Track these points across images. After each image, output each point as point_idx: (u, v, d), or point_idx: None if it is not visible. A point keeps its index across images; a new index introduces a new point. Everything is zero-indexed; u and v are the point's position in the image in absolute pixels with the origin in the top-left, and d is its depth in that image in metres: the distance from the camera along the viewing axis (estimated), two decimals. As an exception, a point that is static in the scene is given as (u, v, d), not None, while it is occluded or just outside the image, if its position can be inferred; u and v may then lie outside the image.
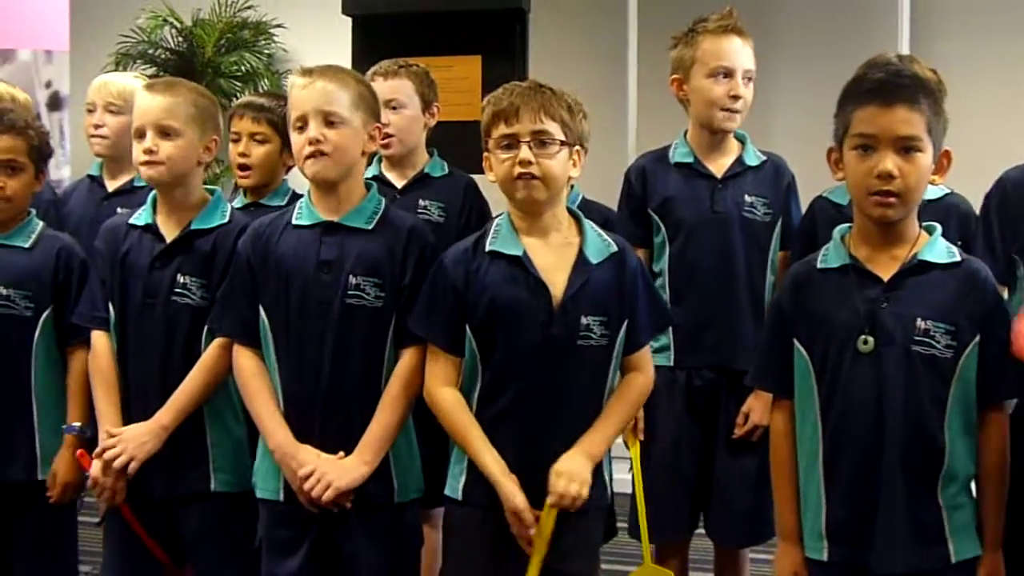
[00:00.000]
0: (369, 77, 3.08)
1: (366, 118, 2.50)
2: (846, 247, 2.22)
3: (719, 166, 3.00)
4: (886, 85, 2.15)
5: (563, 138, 2.35)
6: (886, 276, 2.16)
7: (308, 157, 2.44)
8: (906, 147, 2.10)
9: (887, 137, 2.09)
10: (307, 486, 2.37)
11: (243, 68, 6.22)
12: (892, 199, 2.10)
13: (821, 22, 5.42)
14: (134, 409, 2.60)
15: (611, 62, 5.50)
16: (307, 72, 2.48)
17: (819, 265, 2.25)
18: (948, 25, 5.30)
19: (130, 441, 2.53)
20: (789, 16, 5.23)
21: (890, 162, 2.09)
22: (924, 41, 5.12)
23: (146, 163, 2.60)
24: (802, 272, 2.29)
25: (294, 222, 2.51)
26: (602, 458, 2.40)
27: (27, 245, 2.81)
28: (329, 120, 2.43)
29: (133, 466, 2.52)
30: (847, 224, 2.26)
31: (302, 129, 2.45)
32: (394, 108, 3.13)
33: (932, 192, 2.60)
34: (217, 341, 2.56)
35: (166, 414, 2.54)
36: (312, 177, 2.48)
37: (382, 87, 3.07)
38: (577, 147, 2.39)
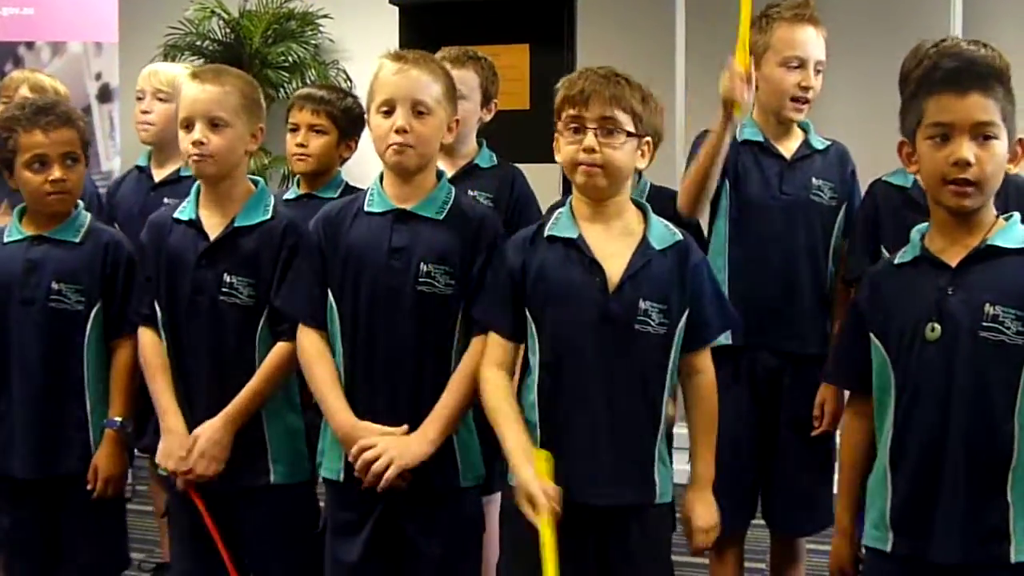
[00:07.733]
0: None
1: (450, 111, 2.50)
2: (922, 243, 2.19)
3: (786, 148, 2.97)
4: (959, 73, 2.11)
5: (632, 129, 2.32)
6: (955, 263, 2.12)
7: (391, 146, 2.43)
8: (982, 134, 2.06)
9: (963, 124, 2.05)
10: (368, 457, 2.36)
11: (290, 59, 6.25)
12: (969, 188, 2.06)
13: (872, 7, 5.35)
14: (192, 404, 2.61)
15: (659, 50, 5.44)
16: (400, 57, 2.47)
17: (896, 261, 2.23)
18: (1003, 9, 5.21)
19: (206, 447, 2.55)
20: (840, 1, 5.16)
21: (967, 149, 2.04)
22: (977, 27, 5.02)
23: (195, 155, 2.58)
24: (879, 270, 2.28)
25: (366, 208, 2.51)
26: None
27: (77, 240, 2.79)
28: (418, 110, 2.43)
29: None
30: (926, 224, 2.21)
31: (388, 114, 2.44)
32: None
33: None
34: (281, 345, 2.56)
35: (232, 421, 2.55)
36: (393, 167, 2.47)
37: None
38: (647, 139, 2.36)
